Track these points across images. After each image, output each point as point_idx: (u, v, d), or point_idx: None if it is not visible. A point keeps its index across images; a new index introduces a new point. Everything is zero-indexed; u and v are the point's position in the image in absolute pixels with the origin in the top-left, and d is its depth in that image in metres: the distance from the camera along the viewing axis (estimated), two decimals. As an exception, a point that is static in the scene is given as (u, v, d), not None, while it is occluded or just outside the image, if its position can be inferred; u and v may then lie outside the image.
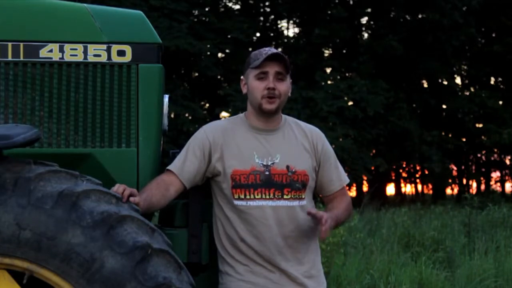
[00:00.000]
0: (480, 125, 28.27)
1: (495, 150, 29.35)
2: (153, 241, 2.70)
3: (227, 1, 28.14)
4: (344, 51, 27.56)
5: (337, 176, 3.38)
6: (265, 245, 3.18)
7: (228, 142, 3.24)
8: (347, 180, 3.42)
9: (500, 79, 31.04)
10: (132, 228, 2.68)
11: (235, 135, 3.27)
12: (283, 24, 29.94)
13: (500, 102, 28.28)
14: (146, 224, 2.73)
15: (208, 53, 24.14)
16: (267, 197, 3.20)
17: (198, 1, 25.35)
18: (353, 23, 27.74)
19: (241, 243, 3.19)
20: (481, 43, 29.44)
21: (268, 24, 29.00)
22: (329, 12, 27.19)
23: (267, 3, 28.47)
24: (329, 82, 25.30)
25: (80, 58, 3.16)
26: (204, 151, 3.23)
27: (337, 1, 27.49)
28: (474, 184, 32.76)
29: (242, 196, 3.19)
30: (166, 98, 3.40)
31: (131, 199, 2.88)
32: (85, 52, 3.17)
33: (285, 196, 3.22)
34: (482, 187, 32.23)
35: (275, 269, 3.19)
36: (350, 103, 23.91)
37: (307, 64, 25.18)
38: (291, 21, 29.63)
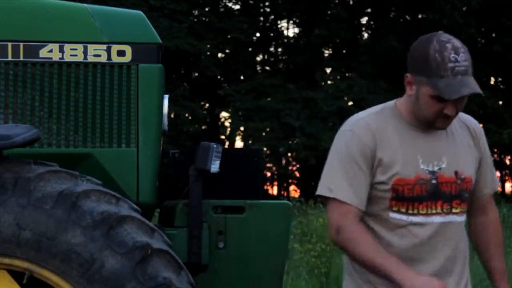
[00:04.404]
0: (480, 125, 28.16)
1: (495, 150, 29.31)
2: (153, 241, 2.70)
3: (227, 1, 28.13)
4: (344, 51, 27.53)
5: (491, 177, 2.78)
6: (422, 267, 2.59)
7: (384, 144, 2.60)
8: (498, 185, 2.86)
9: (500, 79, 31.00)
10: (132, 228, 2.68)
11: (392, 134, 2.63)
12: (283, 24, 29.93)
13: (500, 102, 28.24)
14: (146, 224, 2.73)
15: (208, 53, 24.14)
16: (433, 212, 2.60)
17: (198, 1, 25.35)
18: (353, 23, 27.72)
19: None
20: (481, 43, 29.39)
21: (268, 24, 28.96)
22: (329, 12, 27.19)
23: (267, 3, 28.45)
24: (329, 82, 25.30)
25: (80, 58, 3.16)
26: (367, 161, 2.59)
27: (337, 1, 27.49)
28: (474, 184, 32.72)
29: (404, 210, 2.58)
30: (166, 98, 3.40)
31: None
32: (85, 52, 3.16)
33: (453, 210, 2.63)
34: (482, 187, 32.18)
35: None
36: (350, 103, 23.89)
37: (307, 64, 25.17)
38: (291, 21, 29.60)
